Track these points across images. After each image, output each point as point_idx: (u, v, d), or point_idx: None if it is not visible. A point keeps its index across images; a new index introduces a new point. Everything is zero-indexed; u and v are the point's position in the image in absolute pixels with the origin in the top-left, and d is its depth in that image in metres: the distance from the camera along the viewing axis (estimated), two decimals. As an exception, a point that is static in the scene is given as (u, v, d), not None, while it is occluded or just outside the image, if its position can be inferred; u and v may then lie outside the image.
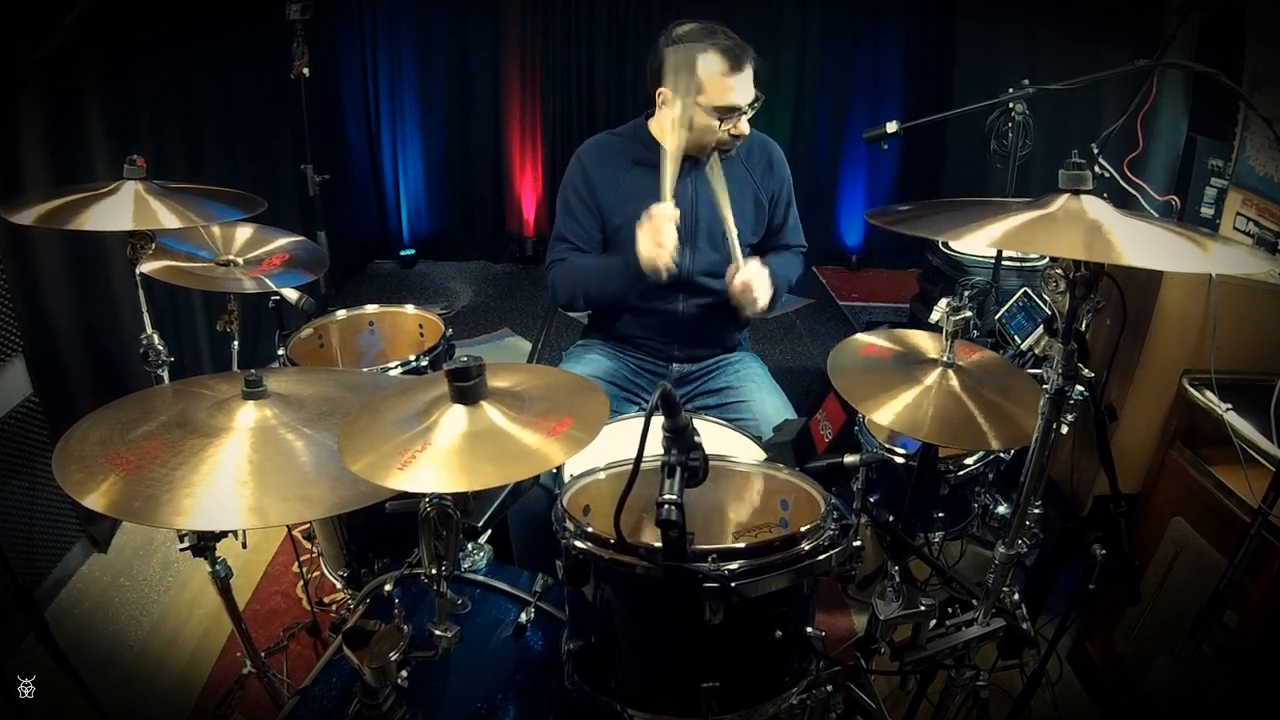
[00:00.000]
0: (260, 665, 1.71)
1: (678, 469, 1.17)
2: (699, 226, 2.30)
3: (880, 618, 1.38)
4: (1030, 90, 2.29)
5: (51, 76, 2.51)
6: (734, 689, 1.33)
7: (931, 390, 1.55)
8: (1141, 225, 1.14)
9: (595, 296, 2.38)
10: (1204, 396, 2.04)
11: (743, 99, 2.15)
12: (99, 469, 1.16)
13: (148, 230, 1.62)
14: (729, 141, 2.20)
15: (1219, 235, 1.20)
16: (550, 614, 1.60)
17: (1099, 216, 1.12)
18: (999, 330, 2.49)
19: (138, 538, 2.86)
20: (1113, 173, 2.38)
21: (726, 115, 2.14)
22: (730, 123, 2.15)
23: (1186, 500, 2.02)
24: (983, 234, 1.14)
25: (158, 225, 1.58)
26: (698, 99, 2.12)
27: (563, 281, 2.35)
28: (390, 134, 5.49)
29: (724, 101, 2.13)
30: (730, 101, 2.13)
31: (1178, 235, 1.13)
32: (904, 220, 1.30)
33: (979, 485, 2.15)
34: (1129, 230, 1.10)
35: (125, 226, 1.56)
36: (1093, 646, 2.30)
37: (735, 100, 2.13)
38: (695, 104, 2.12)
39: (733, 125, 2.16)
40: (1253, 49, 2.50)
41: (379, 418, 1.23)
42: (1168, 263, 1.20)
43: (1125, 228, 1.10)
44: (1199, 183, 2.82)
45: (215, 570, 1.55)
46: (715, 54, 2.10)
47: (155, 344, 1.72)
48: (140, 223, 1.57)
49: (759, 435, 2.10)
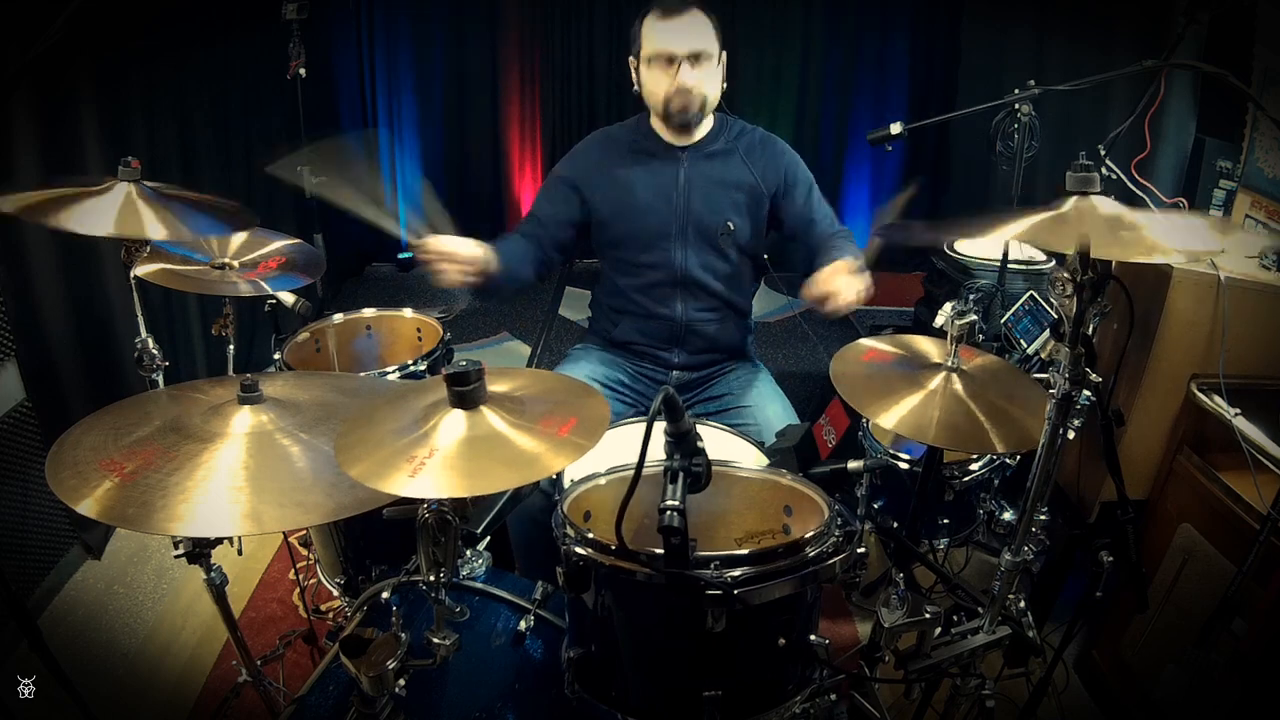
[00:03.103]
0: (256, 674, 1.69)
1: (680, 474, 1.15)
2: (690, 221, 2.27)
3: (884, 625, 1.36)
4: (1036, 91, 2.27)
5: (44, 78, 2.49)
6: (736, 698, 1.31)
7: (936, 394, 1.54)
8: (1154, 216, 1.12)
9: None
10: (1212, 401, 2.02)
11: (677, 45, 2.14)
12: (93, 475, 1.14)
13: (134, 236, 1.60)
14: (673, 96, 2.18)
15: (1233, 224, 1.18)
16: (550, 622, 1.59)
17: (1111, 213, 1.11)
18: (1005, 334, 2.47)
19: (132, 544, 2.84)
20: (1120, 174, 2.37)
21: (665, 65, 2.15)
22: (669, 71, 2.15)
23: (1195, 506, 2.01)
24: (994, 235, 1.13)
25: (142, 234, 1.54)
26: (641, 55, 2.18)
27: None
28: (388, 135, 5.46)
29: (657, 47, 2.15)
30: (662, 46, 2.14)
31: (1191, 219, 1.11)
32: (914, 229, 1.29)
33: (984, 491, 2.13)
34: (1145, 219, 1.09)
35: (107, 231, 1.52)
36: (1100, 655, 2.29)
37: (668, 46, 2.14)
38: (640, 60, 2.19)
39: (673, 75, 2.15)
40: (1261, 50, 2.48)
41: (377, 423, 1.22)
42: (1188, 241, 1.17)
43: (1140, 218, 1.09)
44: (1208, 184, 2.80)
45: (210, 577, 1.53)
46: (654, 9, 2.15)
47: (149, 348, 1.70)
48: (123, 228, 1.52)
49: (761, 441, 2.08)
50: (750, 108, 5.06)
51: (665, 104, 2.20)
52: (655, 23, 2.15)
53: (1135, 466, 2.18)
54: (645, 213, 2.28)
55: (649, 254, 2.31)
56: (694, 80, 2.16)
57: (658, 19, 2.15)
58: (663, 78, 2.17)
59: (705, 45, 2.15)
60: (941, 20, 5.20)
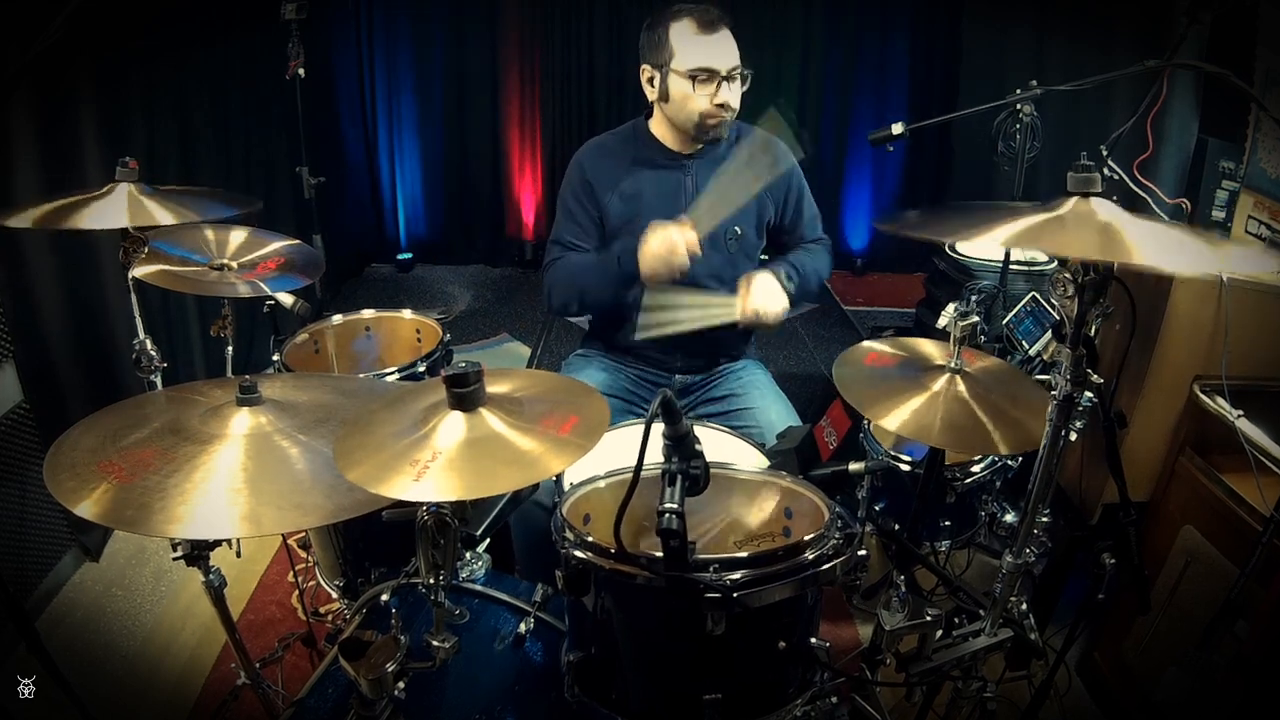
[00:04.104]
0: (255, 676, 1.68)
1: (678, 477, 1.15)
2: (699, 229, 2.26)
3: (886, 628, 1.36)
4: (1038, 91, 2.26)
5: (42, 79, 2.49)
6: (736, 701, 1.31)
7: (940, 396, 1.54)
8: (1153, 226, 1.12)
9: (591, 296, 2.30)
10: (1215, 403, 2.01)
11: (719, 62, 2.10)
12: (91, 477, 1.14)
13: (141, 234, 1.61)
14: (713, 114, 2.14)
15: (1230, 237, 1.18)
16: (550, 624, 1.59)
17: (1109, 218, 1.10)
18: (1007, 335, 2.46)
19: (130, 547, 2.84)
20: (1122, 175, 2.36)
21: (703, 80, 2.10)
22: (708, 88, 2.11)
23: (1197, 508, 2.00)
24: (991, 236, 1.12)
25: (152, 222, 1.57)
26: (671, 65, 2.11)
27: (558, 282, 2.30)
28: (387, 135, 5.47)
29: (697, 63, 2.09)
30: (703, 63, 2.09)
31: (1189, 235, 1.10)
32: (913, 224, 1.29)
33: (986, 493, 2.13)
34: (1140, 231, 1.08)
35: (121, 224, 1.55)
36: (1102, 657, 2.28)
37: (709, 61, 2.09)
38: (671, 71, 2.11)
39: (712, 93, 2.11)
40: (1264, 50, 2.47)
41: (376, 425, 1.22)
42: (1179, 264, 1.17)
43: (1136, 229, 1.08)
44: (1210, 185, 2.79)
45: (209, 580, 1.52)
46: (686, 18, 2.10)
47: (148, 349, 1.71)
48: (136, 219, 1.56)
49: (762, 443, 2.07)
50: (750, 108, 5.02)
51: (700, 119, 2.16)
52: (694, 35, 2.09)
53: (1137, 468, 2.17)
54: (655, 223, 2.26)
55: None
56: (734, 98, 2.15)
57: (696, 31, 2.09)
58: (703, 94, 2.12)
59: (739, 61, 2.13)
60: (942, 20, 5.21)
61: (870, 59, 5.35)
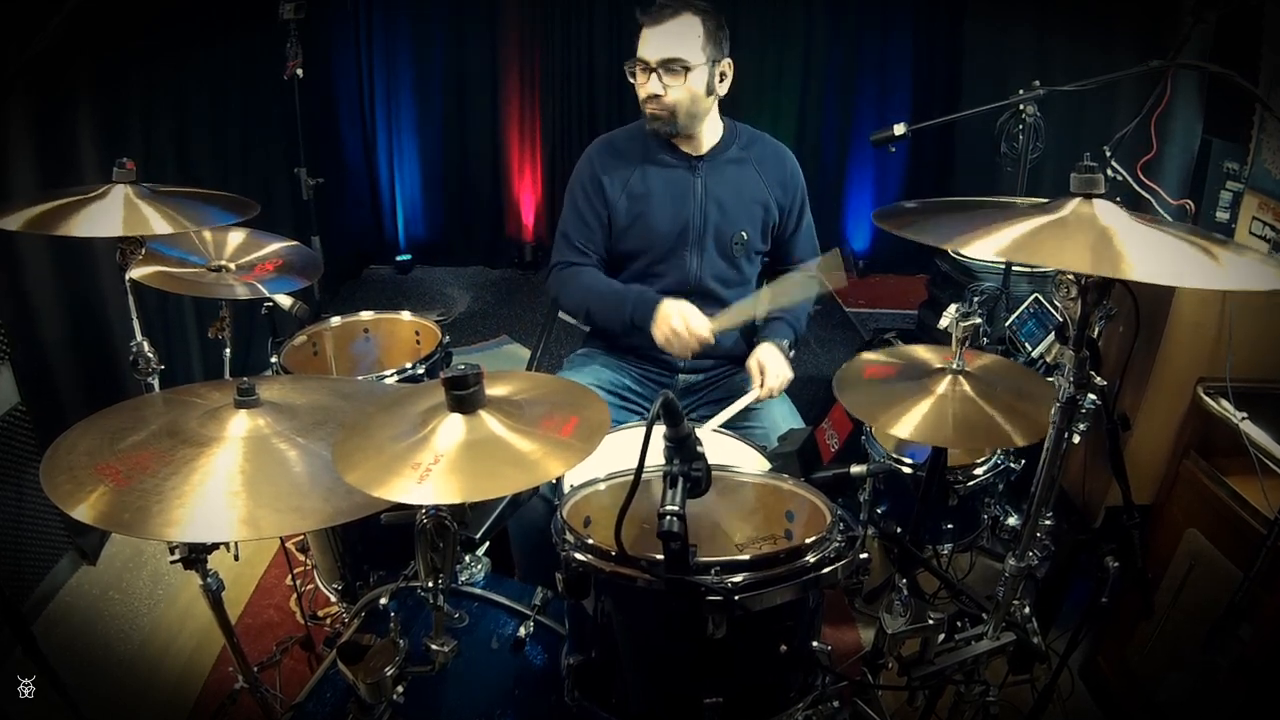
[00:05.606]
0: (253, 680, 1.66)
1: (679, 479, 1.15)
2: (707, 231, 2.26)
3: (888, 631, 1.36)
4: (1041, 91, 2.26)
5: (39, 79, 2.48)
6: (738, 705, 1.30)
7: (947, 398, 1.55)
8: (1153, 234, 1.10)
9: (597, 319, 2.37)
10: (1219, 405, 2.01)
11: (647, 52, 2.12)
12: (88, 479, 1.14)
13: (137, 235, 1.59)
14: (647, 104, 2.17)
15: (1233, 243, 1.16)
16: (550, 628, 1.58)
17: (1110, 223, 1.09)
18: (1009, 337, 2.46)
19: (127, 550, 2.82)
20: (1126, 176, 2.36)
21: (639, 71, 2.15)
22: (641, 80, 2.15)
23: (1201, 511, 1.99)
24: (989, 242, 1.10)
25: (148, 231, 1.56)
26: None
27: (567, 293, 2.34)
28: (386, 136, 5.47)
29: (637, 53, 2.14)
30: (639, 53, 2.13)
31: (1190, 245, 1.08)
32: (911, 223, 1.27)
33: (988, 496, 2.12)
34: (1140, 239, 1.06)
35: (115, 232, 1.54)
36: (1105, 661, 2.27)
37: (640, 52, 2.13)
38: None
39: (644, 84, 2.14)
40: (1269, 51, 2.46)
41: (375, 427, 1.21)
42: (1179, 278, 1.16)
43: (1136, 236, 1.07)
44: (1214, 186, 2.78)
45: (207, 583, 1.51)
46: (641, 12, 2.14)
47: (145, 351, 1.70)
48: (130, 228, 1.54)
49: (764, 445, 2.06)
50: (751, 109, 5.05)
51: (645, 111, 2.19)
52: (642, 28, 2.14)
53: (1141, 471, 2.16)
54: (662, 223, 2.27)
55: (663, 263, 2.30)
56: (660, 89, 2.13)
57: (642, 24, 2.14)
58: (640, 84, 2.16)
59: (681, 53, 2.10)
60: (943, 20, 5.20)
61: (872, 59, 5.35)
